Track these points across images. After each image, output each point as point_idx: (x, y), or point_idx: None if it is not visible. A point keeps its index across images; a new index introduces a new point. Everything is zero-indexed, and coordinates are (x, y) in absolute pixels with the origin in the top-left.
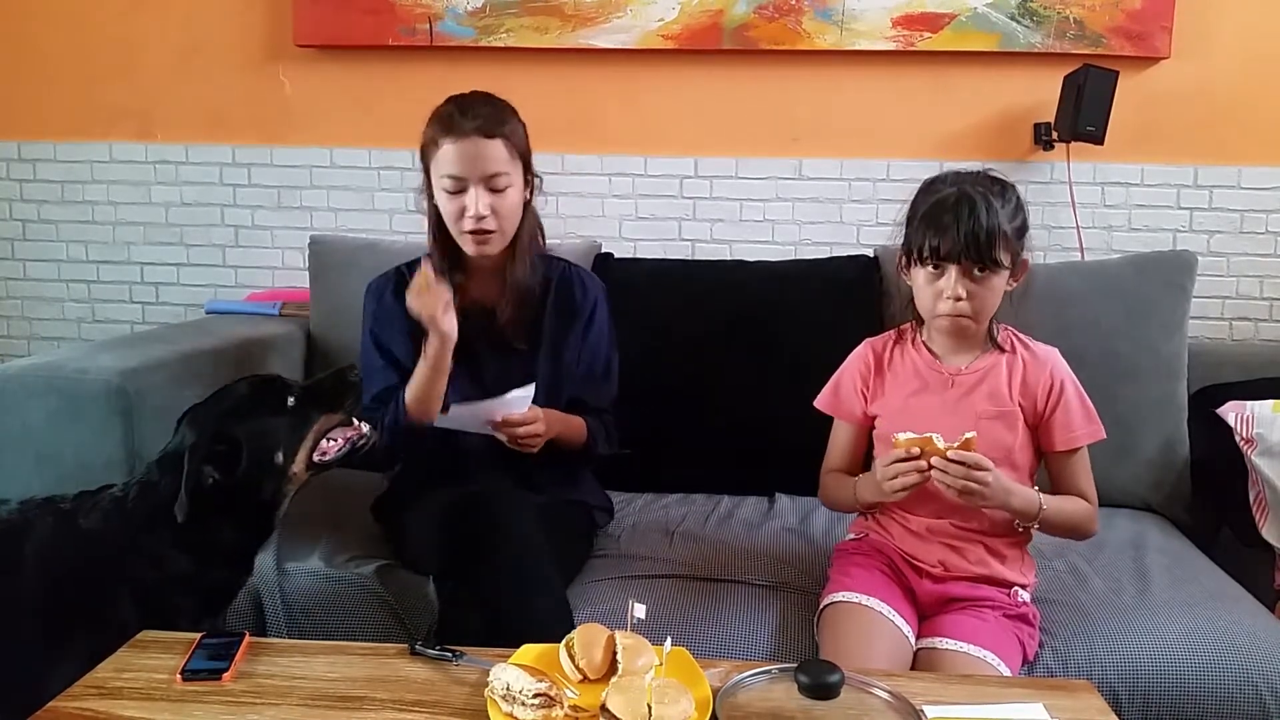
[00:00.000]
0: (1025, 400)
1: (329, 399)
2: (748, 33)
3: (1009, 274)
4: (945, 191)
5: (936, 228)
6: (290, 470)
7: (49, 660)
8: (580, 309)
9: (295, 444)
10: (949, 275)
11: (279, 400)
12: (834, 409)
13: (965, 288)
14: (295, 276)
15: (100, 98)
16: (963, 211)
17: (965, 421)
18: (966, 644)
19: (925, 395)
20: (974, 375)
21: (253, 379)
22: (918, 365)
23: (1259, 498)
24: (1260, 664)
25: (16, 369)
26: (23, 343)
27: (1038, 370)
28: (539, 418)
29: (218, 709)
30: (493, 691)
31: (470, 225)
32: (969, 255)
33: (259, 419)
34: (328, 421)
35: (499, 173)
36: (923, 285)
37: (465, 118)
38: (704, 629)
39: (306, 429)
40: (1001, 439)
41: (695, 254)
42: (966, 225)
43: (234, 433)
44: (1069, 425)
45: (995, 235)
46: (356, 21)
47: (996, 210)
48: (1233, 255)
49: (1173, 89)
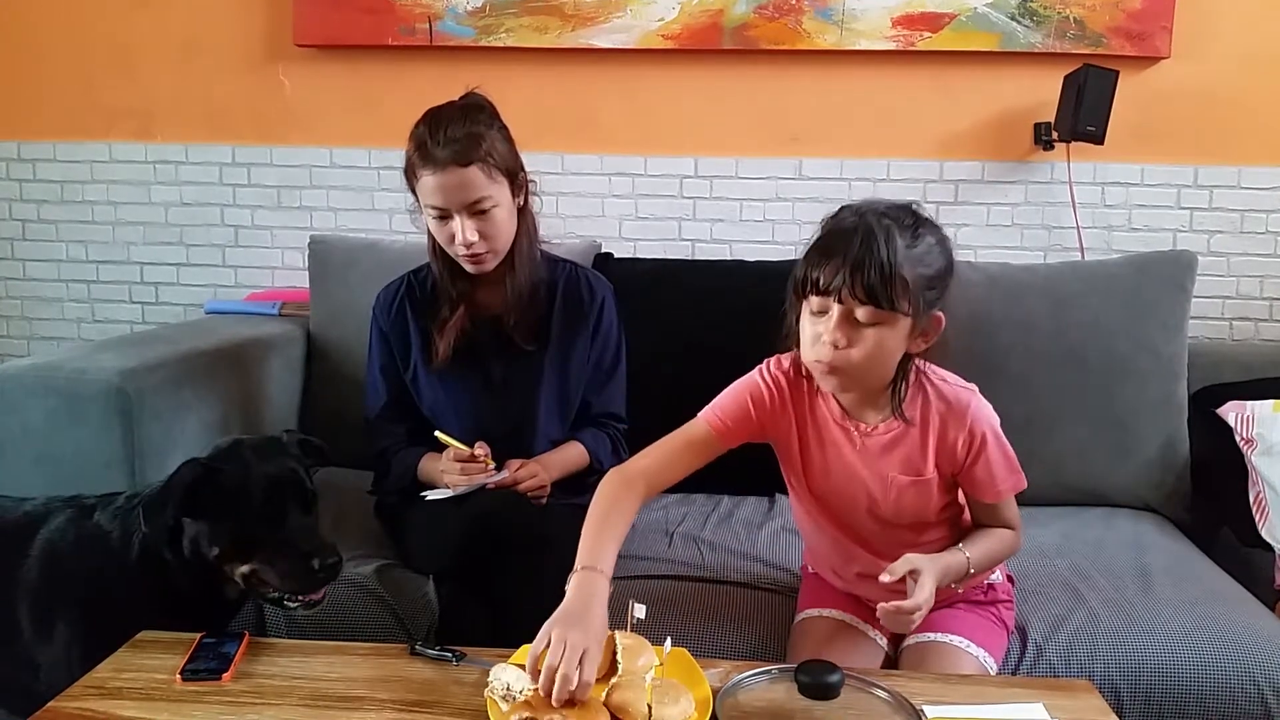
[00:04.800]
0: (943, 459)
1: (286, 568)
2: (748, 32)
3: (910, 328)
4: (847, 220)
5: (824, 254)
6: (224, 568)
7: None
8: (588, 310)
9: (230, 557)
10: (831, 313)
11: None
12: (713, 419)
13: (842, 336)
14: (295, 276)
15: (100, 98)
16: (854, 241)
17: (881, 484)
18: (943, 634)
19: (830, 450)
20: (884, 438)
21: (274, 482)
22: (825, 415)
23: (1259, 498)
24: (1261, 663)
25: (16, 369)
26: (22, 343)
27: (955, 426)
28: (539, 471)
29: (218, 709)
30: (493, 691)
31: (462, 251)
32: (852, 292)
33: (231, 507)
34: (267, 575)
35: (480, 198)
36: (806, 324)
37: (439, 145)
38: (704, 629)
39: (244, 561)
40: (914, 504)
41: (695, 254)
42: (855, 256)
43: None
44: (991, 480)
45: (889, 273)
46: (356, 21)
47: (898, 248)
48: (1233, 255)
49: (1173, 89)
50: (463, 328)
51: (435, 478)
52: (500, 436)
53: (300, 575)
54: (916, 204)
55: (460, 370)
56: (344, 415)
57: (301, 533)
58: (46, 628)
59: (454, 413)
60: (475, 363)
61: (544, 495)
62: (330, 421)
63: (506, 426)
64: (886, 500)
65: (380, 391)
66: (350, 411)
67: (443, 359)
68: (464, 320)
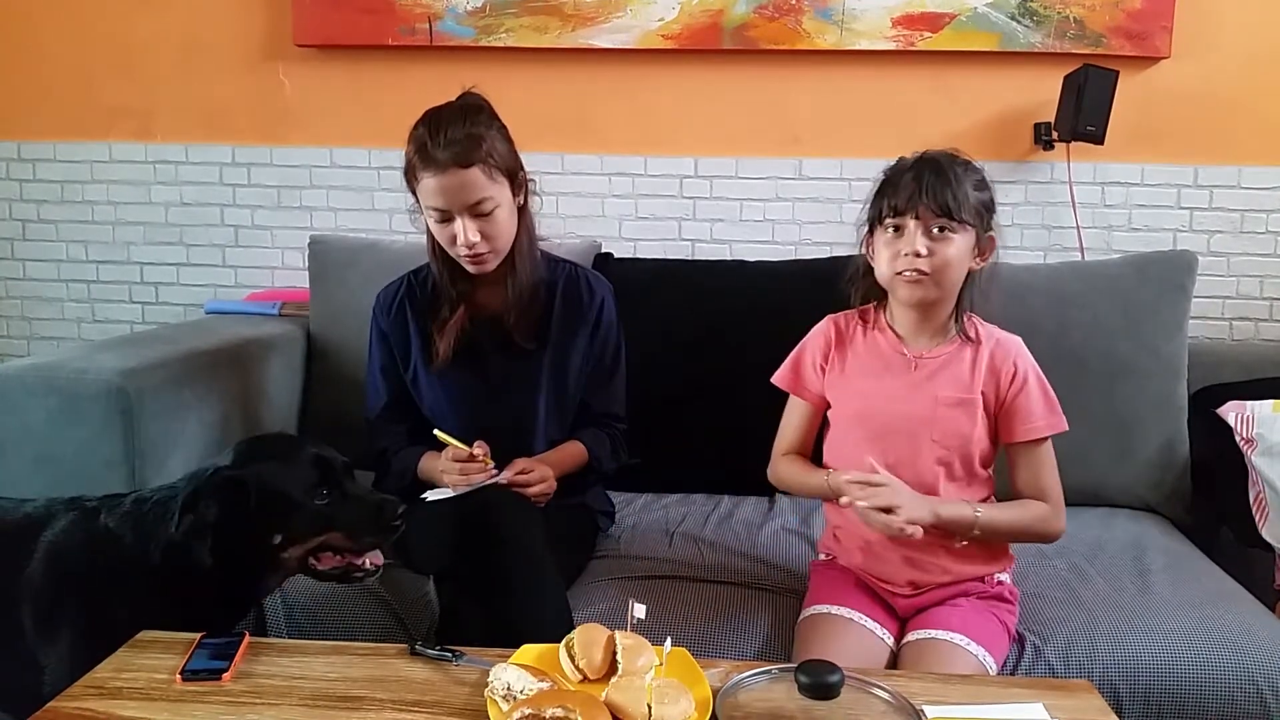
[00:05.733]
0: (988, 387)
1: (358, 523)
2: (748, 33)
3: (974, 245)
4: (906, 160)
5: (895, 186)
6: (281, 557)
7: (43, 650)
8: (587, 310)
9: (299, 537)
10: (908, 230)
11: (316, 487)
12: (792, 386)
13: (924, 244)
14: (295, 276)
15: (100, 98)
16: (923, 169)
17: (923, 407)
18: (944, 631)
19: (885, 377)
20: (937, 360)
21: (318, 458)
22: (880, 346)
23: (1259, 498)
24: (1261, 663)
25: (16, 369)
26: (23, 343)
27: (1002, 357)
28: (549, 474)
29: (218, 709)
30: (493, 691)
31: (464, 252)
32: (928, 207)
33: (285, 490)
34: (339, 540)
35: (482, 199)
36: (882, 249)
37: (439, 146)
38: (704, 629)
39: (317, 533)
40: (960, 426)
41: (695, 254)
42: (926, 180)
43: (258, 483)
44: (1030, 415)
45: (956, 192)
46: (356, 21)
47: (959, 173)
48: (1233, 255)
49: (1173, 89)
50: (463, 328)
51: (435, 477)
52: (500, 436)
53: (376, 529)
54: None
55: (460, 370)
56: (344, 415)
57: (362, 492)
58: (50, 629)
59: (453, 412)
60: (475, 362)
61: (547, 495)
62: (330, 421)
63: (506, 426)
64: (935, 420)
65: (381, 391)
66: (350, 411)
67: (443, 359)
68: (464, 320)
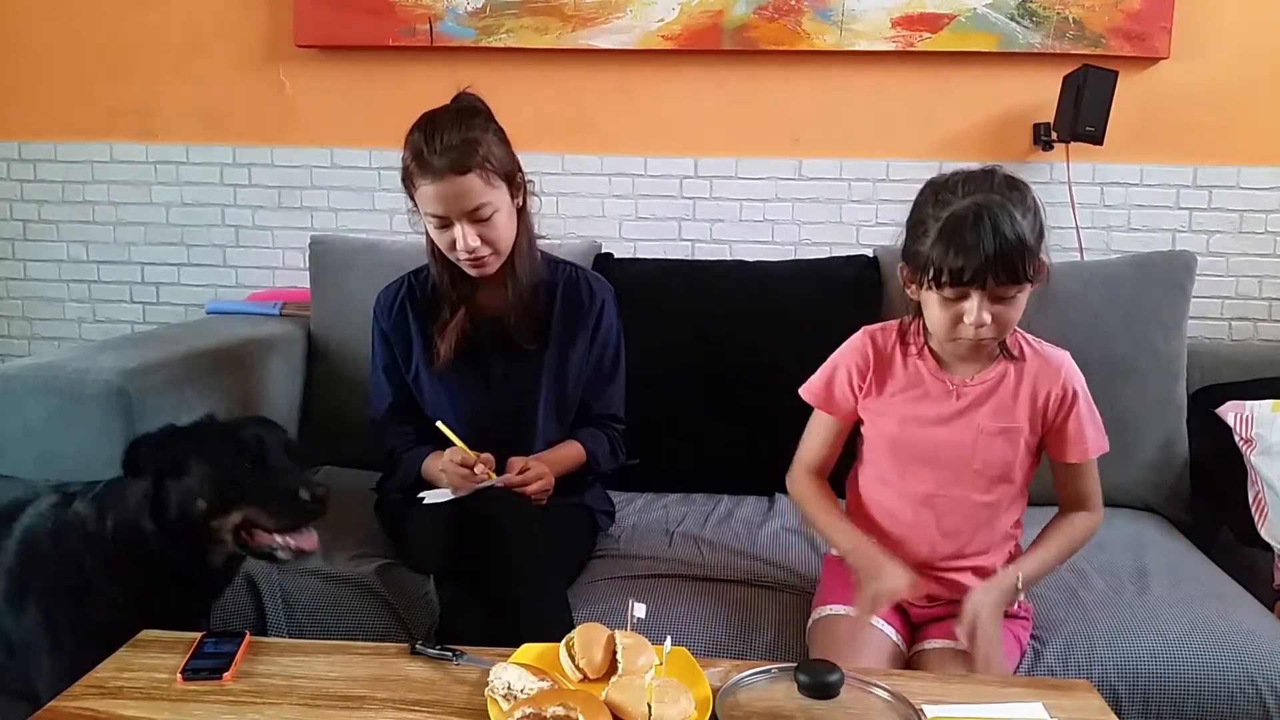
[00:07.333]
0: (1034, 410)
1: (270, 499)
2: (747, 33)
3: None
4: (960, 205)
5: (957, 248)
6: (211, 526)
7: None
8: (587, 311)
9: (217, 506)
10: (972, 300)
11: (236, 456)
12: (824, 402)
13: (990, 311)
14: (295, 276)
15: (100, 98)
16: (984, 229)
17: (965, 435)
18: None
19: (924, 403)
20: (981, 387)
21: (253, 435)
22: (920, 370)
23: (1258, 498)
24: (1260, 663)
25: (16, 369)
26: (23, 343)
27: (1049, 378)
28: (546, 472)
29: (218, 709)
30: (493, 691)
31: (464, 257)
32: (997, 279)
33: (202, 454)
34: (258, 515)
35: (480, 205)
36: (937, 306)
37: (435, 154)
38: (704, 629)
39: (232, 502)
40: (1003, 455)
41: (695, 254)
42: (992, 245)
43: (179, 455)
44: (1081, 438)
45: (1024, 251)
46: (357, 22)
47: (1021, 225)
48: (1232, 255)
49: (1172, 89)
50: (463, 329)
51: (436, 477)
52: (499, 436)
53: (290, 509)
54: (997, 167)
55: (460, 370)
56: (344, 415)
57: (285, 470)
58: (19, 608)
59: (454, 412)
60: (475, 363)
61: (546, 494)
62: (330, 421)
63: (505, 426)
64: (976, 450)
65: (385, 392)
66: (351, 411)
67: (444, 361)
68: (464, 322)
